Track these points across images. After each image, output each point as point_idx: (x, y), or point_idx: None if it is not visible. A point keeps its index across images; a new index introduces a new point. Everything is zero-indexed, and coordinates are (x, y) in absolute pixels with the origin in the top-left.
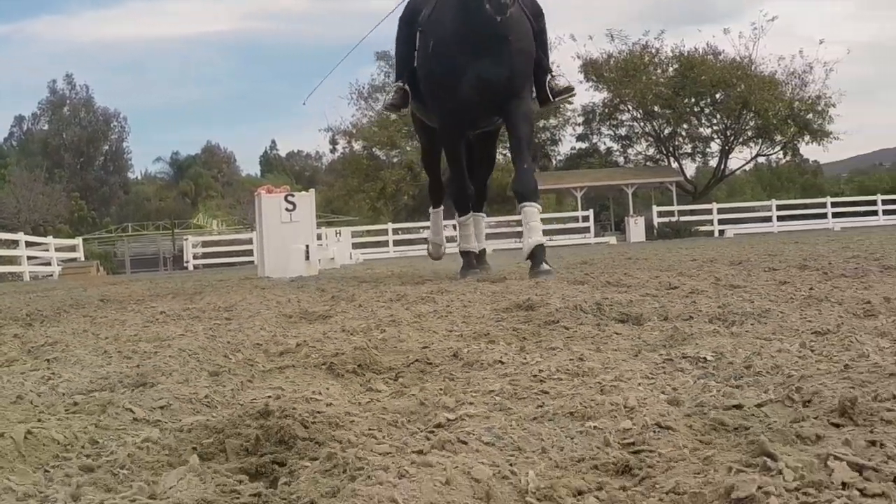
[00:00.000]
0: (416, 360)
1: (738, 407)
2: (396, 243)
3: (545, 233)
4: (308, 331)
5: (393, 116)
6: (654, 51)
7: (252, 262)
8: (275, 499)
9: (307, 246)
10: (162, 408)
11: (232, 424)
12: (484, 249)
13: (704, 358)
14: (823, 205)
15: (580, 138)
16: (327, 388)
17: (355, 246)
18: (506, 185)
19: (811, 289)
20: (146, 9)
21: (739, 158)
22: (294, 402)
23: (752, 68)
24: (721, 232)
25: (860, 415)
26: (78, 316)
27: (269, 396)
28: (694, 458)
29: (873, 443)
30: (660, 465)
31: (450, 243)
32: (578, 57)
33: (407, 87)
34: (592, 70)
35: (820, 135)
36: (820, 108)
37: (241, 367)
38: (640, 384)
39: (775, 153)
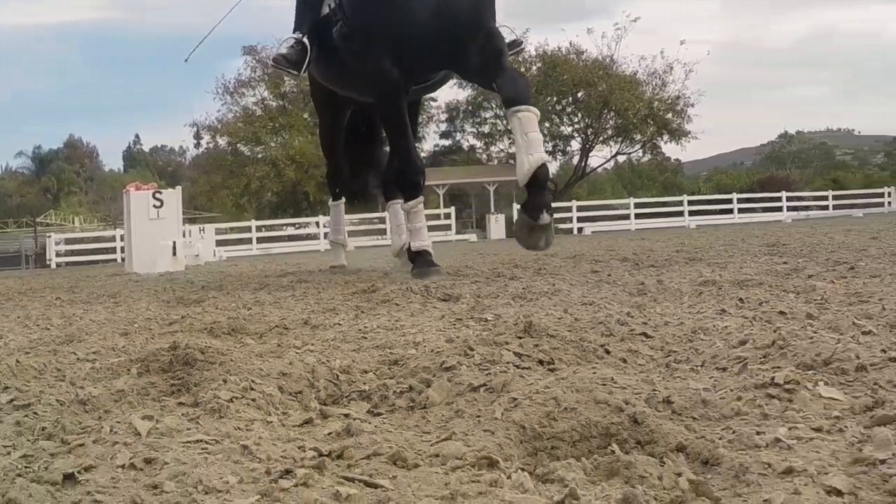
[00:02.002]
0: (276, 326)
1: (493, 343)
2: (260, 241)
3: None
4: (187, 311)
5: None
6: (520, 48)
7: (115, 259)
8: (190, 385)
9: (174, 242)
10: (95, 352)
11: (151, 356)
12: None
13: (486, 319)
14: (680, 203)
15: (443, 135)
16: (211, 341)
17: (219, 243)
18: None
19: (609, 274)
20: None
21: (600, 157)
22: (192, 343)
23: (614, 68)
24: (580, 229)
25: (536, 334)
26: None
27: (173, 343)
28: (434, 361)
29: (538, 345)
30: (413, 361)
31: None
32: None
33: (307, 41)
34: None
35: (678, 134)
36: (679, 108)
37: (142, 331)
38: (432, 334)
39: (635, 152)
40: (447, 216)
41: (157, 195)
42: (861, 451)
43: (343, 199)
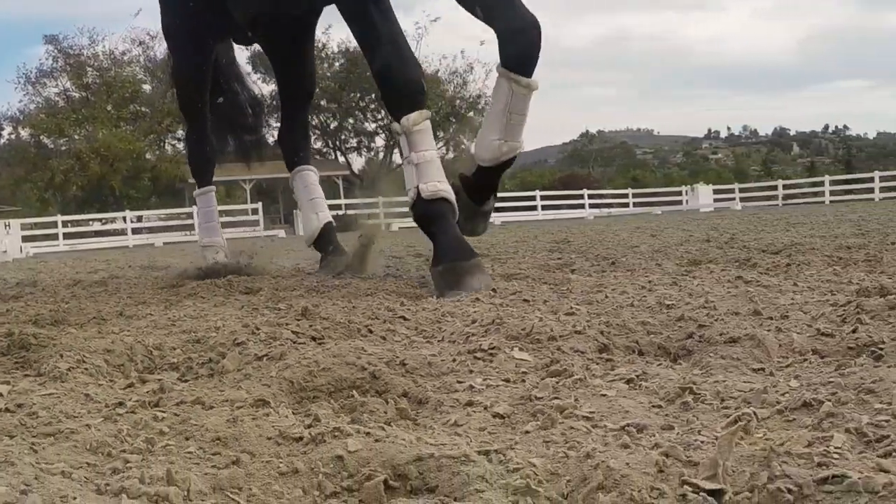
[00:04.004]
0: (94, 317)
1: (276, 325)
2: (67, 236)
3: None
4: (7, 306)
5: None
6: (321, 45)
7: None
8: (31, 362)
9: None
10: None
11: None
12: (330, 222)
13: (279, 308)
14: None
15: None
16: (39, 330)
17: (25, 239)
18: (175, 176)
19: (398, 269)
20: None
21: None
22: (24, 331)
23: None
24: (388, 225)
25: (311, 317)
26: None
27: (7, 331)
28: (229, 339)
29: (312, 325)
30: (212, 340)
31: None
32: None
33: None
34: (261, 62)
35: None
36: (480, 107)
37: None
38: (226, 319)
39: (439, 149)
40: (255, 211)
41: None
42: (529, 392)
43: (213, 187)
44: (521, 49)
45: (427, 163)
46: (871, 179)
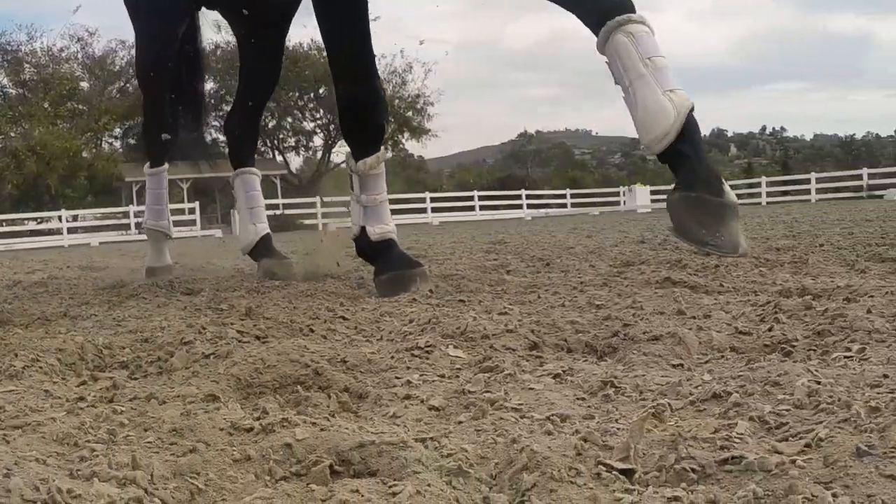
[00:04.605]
0: (38, 318)
1: (221, 324)
2: (1, 236)
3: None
4: None
5: None
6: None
7: None
8: None
9: None
10: None
11: None
12: (268, 234)
13: (221, 308)
14: (423, 200)
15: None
16: None
17: None
18: (112, 174)
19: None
20: None
21: (342, 153)
22: None
23: None
24: (324, 225)
25: (255, 317)
26: None
27: None
28: (176, 338)
29: (256, 325)
30: (160, 339)
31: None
32: None
33: None
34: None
35: (419, 132)
36: (419, 107)
37: None
38: (170, 319)
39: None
40: (192, 211)
41: None
42: (463, 387)
43: (167, 165)
44: None
45: (377, 206)
46: (808, 181)
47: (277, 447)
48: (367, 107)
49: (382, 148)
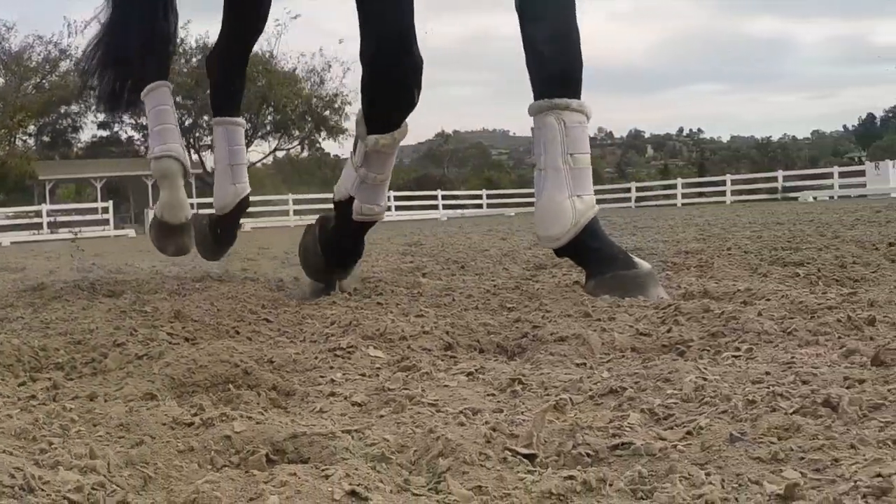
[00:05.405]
0: None
1: (152, 326)
2: None
3: (59, 225)
4: None
5: None
6: (178, 41)
7: None
8: None
9: None
10: None
11: None
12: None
13: (146, 311)
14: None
15: (102, 126)
16: None
17: None
18: (25, 172)
19: (255, 272)
20: None
21: (258, 152)
22: None
23: (274, 64)
24: (241, 225)
25: (183, 319)
26: None
27: None
28: (109, 340)
29: (185, 327)
30: (92, 341)
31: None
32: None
33: None
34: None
35: (336, 131)
36: (337, 106)
37: None
38: (102, 323)
39: (293, 147)
40: (105, 210)
41: None
42: (383, 385)
43: (168, 84)
44: (566, 58)
45: (377, 185)
46: (723, 182)
47: (218, 439)
48: (411, 90)
49: (405, 124)
